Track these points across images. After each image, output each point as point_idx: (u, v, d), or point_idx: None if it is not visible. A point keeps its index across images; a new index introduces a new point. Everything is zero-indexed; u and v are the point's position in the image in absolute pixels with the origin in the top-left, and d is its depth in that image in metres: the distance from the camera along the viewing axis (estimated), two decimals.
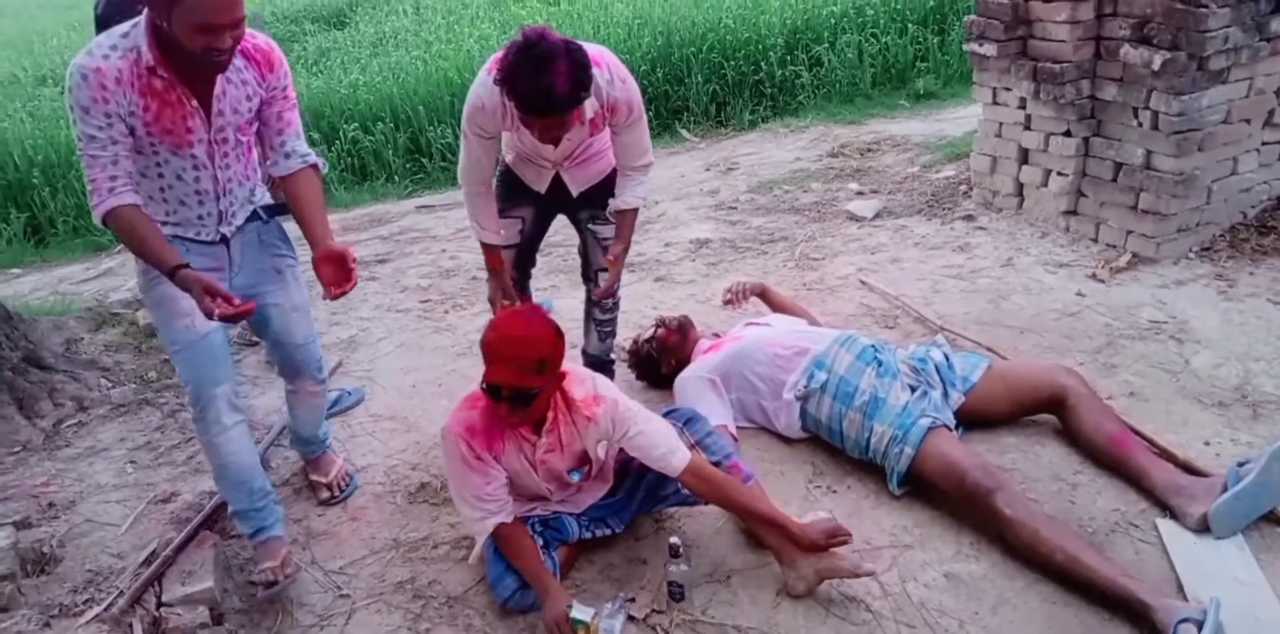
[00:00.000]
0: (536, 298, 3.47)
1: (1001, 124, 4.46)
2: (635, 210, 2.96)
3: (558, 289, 4.33)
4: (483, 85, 2.62)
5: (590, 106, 2.60)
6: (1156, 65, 3.67)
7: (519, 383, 2.21)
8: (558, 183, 2.98)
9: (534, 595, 2.39)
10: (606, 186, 2.96)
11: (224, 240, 2.44)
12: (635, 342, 3.42)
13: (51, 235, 6.48)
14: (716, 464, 2.52)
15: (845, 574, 2.35)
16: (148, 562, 2.67)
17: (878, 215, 4.84)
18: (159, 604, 2.51)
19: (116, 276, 5.26)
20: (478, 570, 2.58)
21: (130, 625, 2.43)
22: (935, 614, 2.31)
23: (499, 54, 2.57)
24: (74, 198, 6.50)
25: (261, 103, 2.32)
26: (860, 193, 5.21)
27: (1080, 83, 3.99)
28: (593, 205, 3.02)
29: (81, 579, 2.64)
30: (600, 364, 3.31)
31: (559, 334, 2.30)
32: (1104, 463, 2.73)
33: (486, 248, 2.98)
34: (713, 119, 7.40)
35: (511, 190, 3.02)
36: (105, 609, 2.46)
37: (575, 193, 2.99)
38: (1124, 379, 3.20)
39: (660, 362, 3.32)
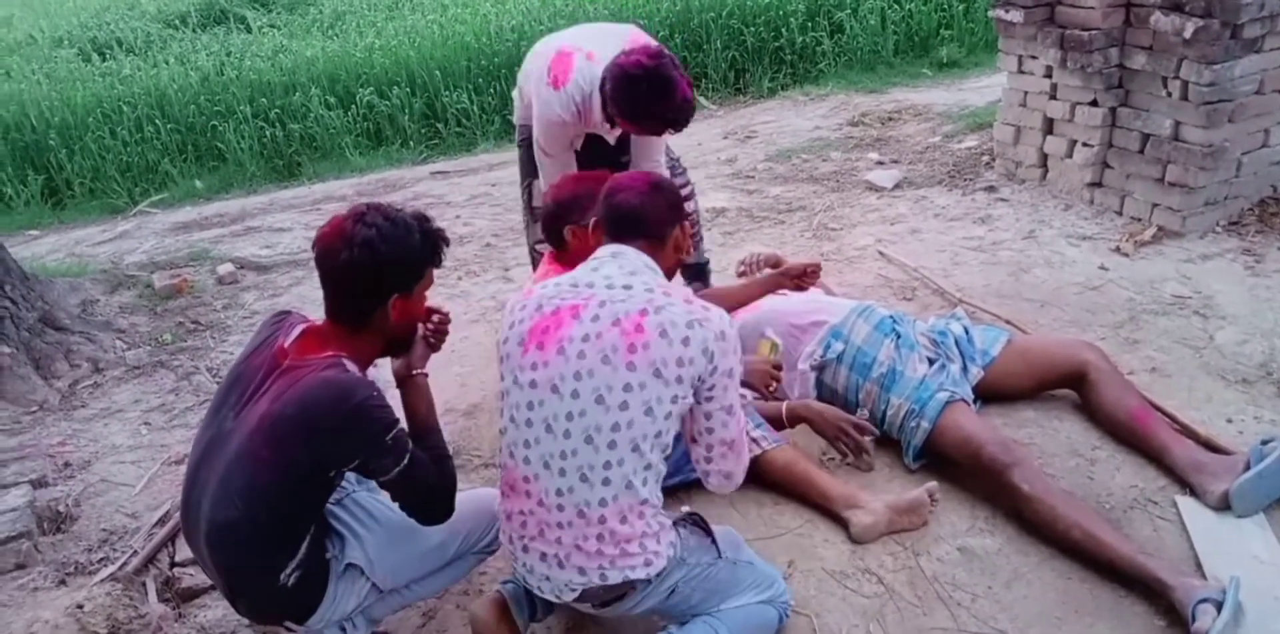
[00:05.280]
0: None
1: (1026, 93, 4.37)
2: None
3: None
4: (556, 102, 2.72)
5: None
6: (1188, 33, 3.57)
7: None
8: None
9: None
10: None
11: None
12: None
13: (68, 197, 6.50)
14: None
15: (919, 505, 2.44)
16: (161, 522, 2.70)
17: (898, 185, 4.78)
18: (172, 564, 2.54)
19: (132, 239, 5.26)
20: None
21: (143, 585, 2.46)
22: (948, 588, 2.30)
23: (553, 66, 2.74)
24: (90, 160, 6.50)
25: None
26: (880, 162, 5.13)
27: (1108, 51, 3.90)
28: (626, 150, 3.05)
29: (96, 538, 2.67)
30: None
31: None
32: (1124, 439, 2.69)
33: None
34: (731, 86, 7.31)
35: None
36: (119, 568, 2.49)
37: (612, 141, 3.02)
38: (1146, 354, 3.16)
39: None
